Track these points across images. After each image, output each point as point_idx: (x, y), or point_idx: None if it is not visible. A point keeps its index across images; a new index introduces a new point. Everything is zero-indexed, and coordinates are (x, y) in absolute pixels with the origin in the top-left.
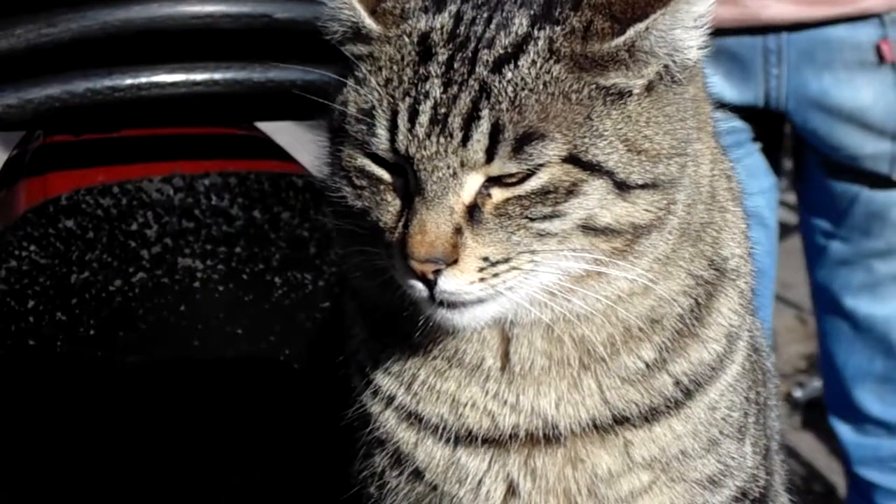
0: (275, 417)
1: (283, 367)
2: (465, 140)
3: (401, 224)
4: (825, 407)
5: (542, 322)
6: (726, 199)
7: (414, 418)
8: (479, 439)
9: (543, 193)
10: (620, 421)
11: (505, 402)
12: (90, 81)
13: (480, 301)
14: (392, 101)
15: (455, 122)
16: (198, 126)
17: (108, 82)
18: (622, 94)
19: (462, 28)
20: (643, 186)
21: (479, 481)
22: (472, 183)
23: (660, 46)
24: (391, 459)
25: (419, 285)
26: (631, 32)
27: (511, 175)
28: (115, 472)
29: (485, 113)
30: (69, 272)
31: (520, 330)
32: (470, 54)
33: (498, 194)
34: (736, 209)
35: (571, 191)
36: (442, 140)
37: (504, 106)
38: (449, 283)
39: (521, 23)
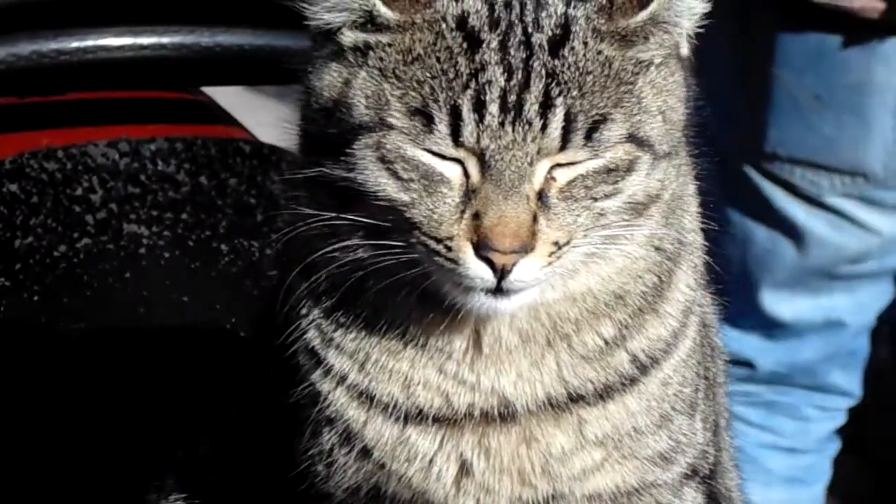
0: (221, 388)
1: (230, 335)
2: (544, 128)
3: (466, 216)
4: None
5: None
6: (688, 170)
7: (365, 397)
8: (430, 418)
9: (606, 172)
10: (575, 399)
11: (463, 382)
12: (36, 44)
13: (537, 283)
14: (450, 94)
15: (531, 109)
16: (145, 90)
17: (54, 45)
18: (649, 66)
19: (499, 10)
20: (665, 155)
21: (430, 461)
22: (541, 169)
23: (678, 15)
24: (340, 438)
25: (489, 276)
26: (654, 5)
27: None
28: (55, 442)
29: (559, 100)
30: (13, 237)
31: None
32: (522, 38)
33: (562, 176)
34: (692, 183)
35: (629, 168)
36: (519, 129)
37: (574, 92)
38: (523, 271)
39: (555, 2)
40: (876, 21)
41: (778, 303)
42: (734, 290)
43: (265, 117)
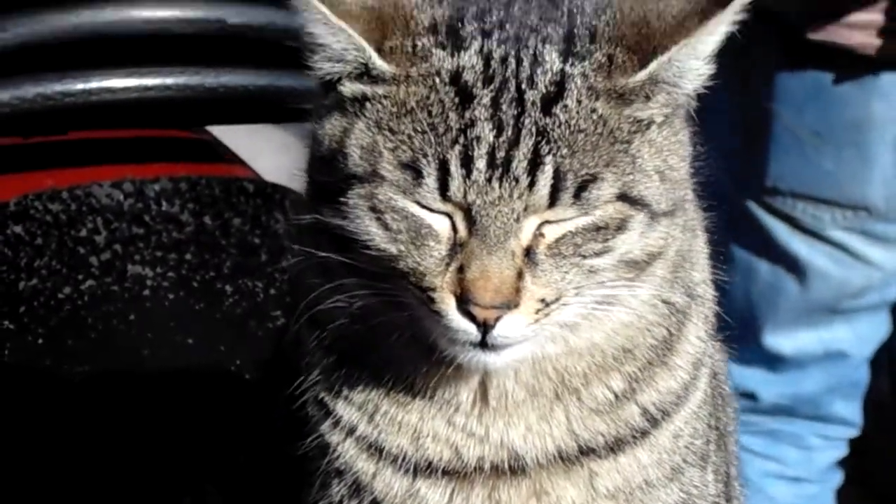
0: (226, 432)
1: (235, 377)
2: (531, 185)
3: (451, 269)
4: None
5: (542, 355)
6: (696, 224)
7: (374, 449)
8: (440, 471)
9: (595, 230)
10: (586, 452)
11: (472, 435)
12: (41, 86)
13: (525, 340)
14: (439, 149)
15: (519, 167)
16: (149, 128)
17: (59, 87)
18: (649, 125)
19: (494, 66)
20: (665, 214)
21: None
22: (529, 225)
23: (680, 76)
24: (349, 490)
25: (472, 330)
26: (654, 65)
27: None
28: (59, 487)
29: (548, 159)
30: (17, 279)
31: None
32: (515, 94)
33: (550, 233)
34: (702, 234)
35: (620, 226)
36: (506, 185)
37: (564, 151)
38: (507, 327)
39: (552, 59)
40: (874, 57)
41: (780, 337)
42: (736, 324)
43: (263, 143)
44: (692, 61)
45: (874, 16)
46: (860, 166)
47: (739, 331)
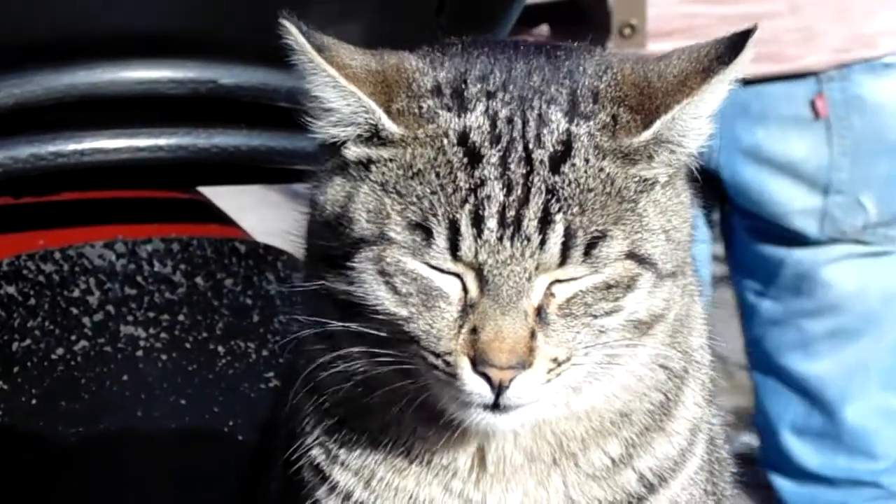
0: (219, 495)
1: (228, 438)
2: (542, 243)
3: (464, 331)
4: (753, 461)
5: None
6: (694, 289)
7: None
8: None
9: (605, 288)
10: None
11: (469, 501)
12: (34, 146)
13: (535, 401)
14: (449, 209)
15: (530, 225)
16: (141, 189)
17: (51, 147)
18: (654, 185)
19: (501, 126)
20: (669, 275)
21: None
22: (540, 284)
23: (683, 135)
24: None
25: (487, 392)
26: (658, 124)
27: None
28: None
29: (558, 217)
30: (11, 340)
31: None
32: (523, 154)
33: (560, 293)
34: (699, 299)
35: (629, 286)
36: (518, 244)
37: (574, 209)
38: (520, 388)
39: (558, 119)
40: None
41: None
42: None
43: (247, 200)
44: (695, 120)
45: None
46: None
47: None
